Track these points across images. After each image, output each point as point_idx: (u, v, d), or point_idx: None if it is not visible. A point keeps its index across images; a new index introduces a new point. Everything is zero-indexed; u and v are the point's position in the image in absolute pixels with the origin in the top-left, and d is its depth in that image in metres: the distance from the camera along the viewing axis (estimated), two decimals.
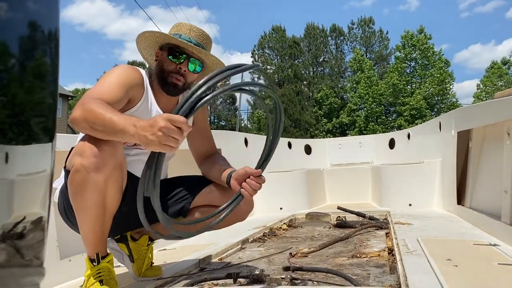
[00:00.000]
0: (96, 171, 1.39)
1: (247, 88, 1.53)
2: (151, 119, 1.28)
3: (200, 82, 1.31)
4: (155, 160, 1.30)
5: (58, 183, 1.66)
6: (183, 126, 1.24)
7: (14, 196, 0.58)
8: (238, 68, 1.41)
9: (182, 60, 1.67)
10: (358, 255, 2.26)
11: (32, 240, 0.59)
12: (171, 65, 1.67)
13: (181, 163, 2.29)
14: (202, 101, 1.31)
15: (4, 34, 0.54)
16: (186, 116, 1.28)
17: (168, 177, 1.92)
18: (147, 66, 1.89)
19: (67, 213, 1.60)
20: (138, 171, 1.64)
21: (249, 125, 38.30)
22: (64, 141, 1.93)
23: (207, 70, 1.77)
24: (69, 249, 2.00)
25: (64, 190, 1.58)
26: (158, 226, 1.81)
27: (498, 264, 1.79)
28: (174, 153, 1.89)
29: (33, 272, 0.60)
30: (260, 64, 1.59)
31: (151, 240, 1.88)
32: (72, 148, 1.52)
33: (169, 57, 1.67)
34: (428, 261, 1.84)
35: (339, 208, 3.93)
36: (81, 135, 1.53)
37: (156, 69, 1.73)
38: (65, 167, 1.54)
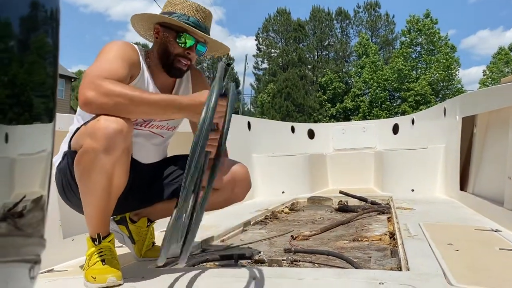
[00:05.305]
0: (105, 153, 1.36)
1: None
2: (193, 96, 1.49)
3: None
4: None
5: (55, 160, 1.65)
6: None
7: (15, 175, 0.58)
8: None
9: (190, 45, 1.67)
10: (359, 239, 2.27)
11: (32, 219, 0.59)
12: (178, 49, 1.66)
13: (179, 146, 2.28)
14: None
15: (5, 13, 0.53)
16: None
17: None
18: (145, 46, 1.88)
19: (66, 191, 1.60)
20: (136, 153, 1.64)
21: (252, 109, 38.22)
22: (63, 120, 1.92)
23: (208, 50, 1.79)
24: (73, 228, 2.01)
25: (62, 168, 1.57)
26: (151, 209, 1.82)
27: (499, 249, 1.79)
28: (173, 133, 1.89)
29: (34, 242, 0.61)
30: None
31: (150, 221, 1.89)
32: (78, 128, 1.51)
33: (177, 40, 1.66)
34: (430, 245, 1.84)
35: (341, 192, 3.93)
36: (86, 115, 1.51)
37: (158, 49, 1.70)
38: (69, 147, 1.53)
